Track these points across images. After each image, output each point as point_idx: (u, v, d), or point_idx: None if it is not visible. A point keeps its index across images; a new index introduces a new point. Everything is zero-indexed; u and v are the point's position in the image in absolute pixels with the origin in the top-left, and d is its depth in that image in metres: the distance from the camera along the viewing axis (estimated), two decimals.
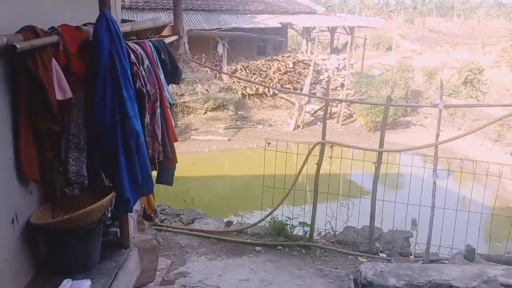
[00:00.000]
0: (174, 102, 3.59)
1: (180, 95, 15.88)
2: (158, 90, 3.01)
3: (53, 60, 2.40)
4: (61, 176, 2.66)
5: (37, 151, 2.49)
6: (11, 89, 2.33)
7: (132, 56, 2.66)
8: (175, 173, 3.52)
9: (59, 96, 2.43)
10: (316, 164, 5.04)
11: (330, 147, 5.08)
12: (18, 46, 2.09)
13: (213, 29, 16.50)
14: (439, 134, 4.75)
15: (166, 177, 3.31)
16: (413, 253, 5.13)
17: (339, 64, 18.59)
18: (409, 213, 5.72)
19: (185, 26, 5.34)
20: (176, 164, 3.41)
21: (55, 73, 2.41)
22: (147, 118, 2.77)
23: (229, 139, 15.19)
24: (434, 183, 4.69)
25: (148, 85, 2.79)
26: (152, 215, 4.82)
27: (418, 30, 36.26)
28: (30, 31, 2.30)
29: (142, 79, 2.70)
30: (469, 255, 4.31)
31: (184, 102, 15.83)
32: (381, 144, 4.92)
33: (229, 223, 5.99)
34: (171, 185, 3.47)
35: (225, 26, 16.66)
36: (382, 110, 15.02)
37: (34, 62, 2.28)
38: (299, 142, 5.13)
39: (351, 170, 5.29)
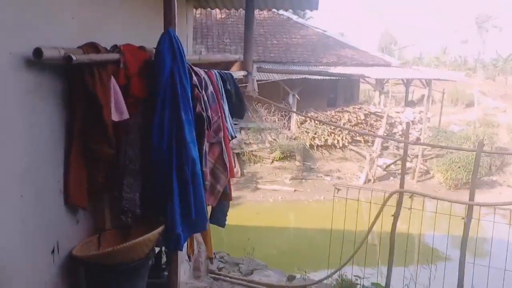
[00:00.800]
0: (236, 136, 3.35)
1: (247, 144, 15.90)
2: (220, 119, 2.77)
3: (112, 78, 2.26)
4: (115, 203, 2.46)
5: (88, 176, 2.30)
6: (67, 106, 2.20)
7: (194, 78, 2.46)
8: (227, 213, 3.15)
9: (115, 117, 2.26)
10: (392, 215, 4.46)
11: (410, 197, 4.49)
12: (74, 58, 1.96)
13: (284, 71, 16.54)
14: None
15: (218, 217, 2.93)
16: None
17: (414, 118, 17.68)
18: (504, 281, 4.84)
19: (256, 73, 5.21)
20: (229, 202, 3.05)
21: (113, 92, 2.26)
22: (206, 146, 2.50)
23: (295, 190, 14.71)
24: None
25: (209, 111, 2.55)
26: (212, 259, 4.51)
27: (500, 87, 34.02)
28: (90, 47, 2.20)
29: (203, 104, 2.47)
30: None
31: (251, 151, 15.78)
32: (471, 197, 4.25)
33: (291, 278, 5.49)
34: (223, 227, 3.11)
35: (296, 77, 16.70)
36: (464, 167, 14.05)
37: (92, 78, 2.14)
38: (373, 189, 4.59)
39: (434, 231, 4.60)
